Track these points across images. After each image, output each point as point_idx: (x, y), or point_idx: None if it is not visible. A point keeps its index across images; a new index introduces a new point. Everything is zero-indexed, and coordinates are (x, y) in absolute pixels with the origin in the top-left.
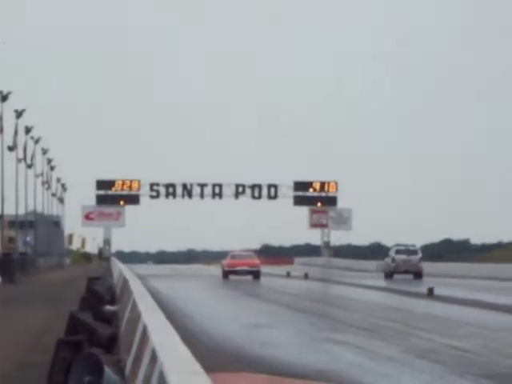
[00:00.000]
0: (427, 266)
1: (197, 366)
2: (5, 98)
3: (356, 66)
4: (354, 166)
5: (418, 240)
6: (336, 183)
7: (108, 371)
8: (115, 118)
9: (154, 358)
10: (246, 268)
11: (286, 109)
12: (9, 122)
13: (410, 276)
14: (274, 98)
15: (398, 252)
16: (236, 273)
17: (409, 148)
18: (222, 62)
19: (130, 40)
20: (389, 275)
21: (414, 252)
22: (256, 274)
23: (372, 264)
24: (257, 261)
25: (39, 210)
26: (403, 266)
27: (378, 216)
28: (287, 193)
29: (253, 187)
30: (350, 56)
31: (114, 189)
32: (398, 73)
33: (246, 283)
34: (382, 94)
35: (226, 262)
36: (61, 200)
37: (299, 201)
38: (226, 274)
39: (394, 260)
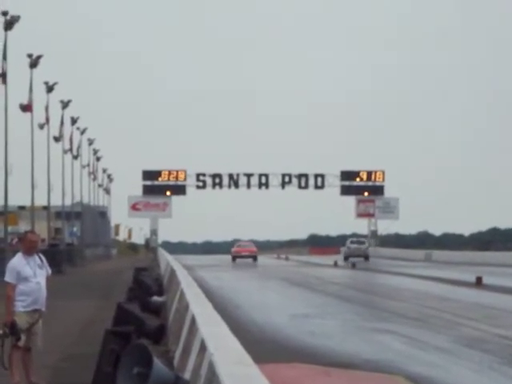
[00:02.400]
0: (475, 255)
1: (246, 357)
2: (51, 89)
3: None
4: (401, 155)
5: (466, 229)
6: (383, 172)
7: (157, 362)
8: (161, 109)
9: (203, 348)
10: (248, 253)
11: (333, 98)
12: (55, 113)
13: (361, 259)
14: (322, 86)
15: (351, 242)
16: (241, 257)
17: (456, 136)
18: (268, 50)
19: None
20: (346, 258)
21: (363, 242)
22: (254, 258)
23: (419, 253)
24: (254, 248)
25: (85, 200)
26: (355, 252)
27: (425, 205)
28: (334, 182)
29: (299, 177)
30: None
31: (160, 179)
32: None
33: (297, 273)
34: (431, 87)
35: (234, 249)
36: (107, 191)
37: (346, 190)
38: (234, 258)
39: (349, 248)
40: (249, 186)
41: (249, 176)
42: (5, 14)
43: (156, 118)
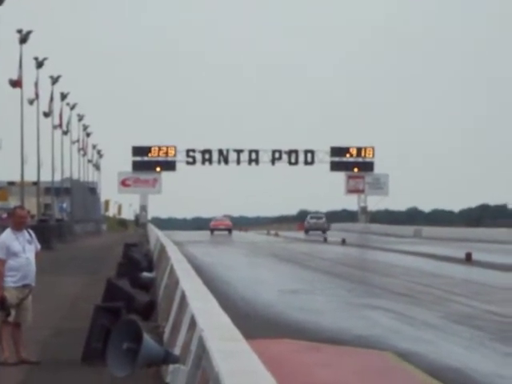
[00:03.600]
0: (464, 232)
1: (236, 333)
2: (40, 65)
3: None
4: (391, 131)
5: (455, 205)
6: (373, 148)
7: (147, 338)
8: (151, 85)
9: (192, 324)
10: (223, 227)
11: (324, 74)
12: (44, 89)
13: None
14: (313, 62)
15: (311, 217)
16: (218, 230)
17: (445, 113)
18: (259, 30)
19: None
20: (307, 231)
21: (321, 217)
22: (229, 230)
23: (409, 229)
24: (229, 222)
25: (75, 176)
26: (314, 226)
27: (415, 181)
28: (324, 158)
29: (289, 153)
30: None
31: (150, 155)
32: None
33: (286, 249)
34: (421, 62)
35: (211, 223)
36: (97, 166)
37: (336, 166)
38: (212, 231)
39: (309, 222)
40: (239, 162)
41: (239, 152)
42: None
43: (146, 93)
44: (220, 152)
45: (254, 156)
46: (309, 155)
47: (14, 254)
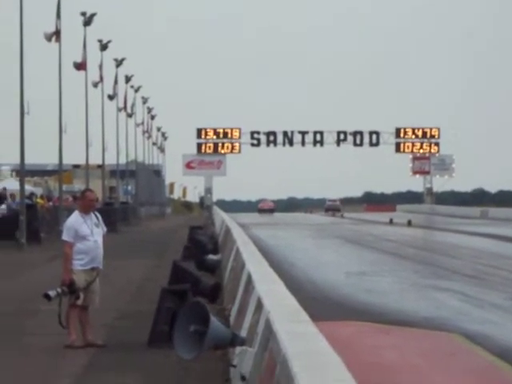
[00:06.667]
0: None
1: (303, 315)
2: (104, 47)
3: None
4: (456, 112)
5: None
6: (438, 129)
7: (214, 320)
8: (215, 67)
9: (259, 306)
10: (268, 208)
11: (388, 56)
12: (109, 71)
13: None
14: (378, 45)
15: (329, 201)
16: (263, 211)
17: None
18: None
19: None
20: (326, 211)
21: (335, 201)
22: (272, 211)
23: (475, 210)
24: (273, 204)
25: (140, 159)
26: (332, 207)
27: (481, 162)
28: (389, 139)
29: (354, 134)
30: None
31: (215, 137)
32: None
33: (353, 231)
34: (487, 41)
35: (259, 205)
36: (161, 149)
37: (401, 147)
38: (259, 211)
39: (327, 204)
40: (303, 143)
41: (303, 134)
42: None
43: (210, 75)
44: (285, 134)
45: (318, 137)
46: (374, 136)
47: (82, 238)
